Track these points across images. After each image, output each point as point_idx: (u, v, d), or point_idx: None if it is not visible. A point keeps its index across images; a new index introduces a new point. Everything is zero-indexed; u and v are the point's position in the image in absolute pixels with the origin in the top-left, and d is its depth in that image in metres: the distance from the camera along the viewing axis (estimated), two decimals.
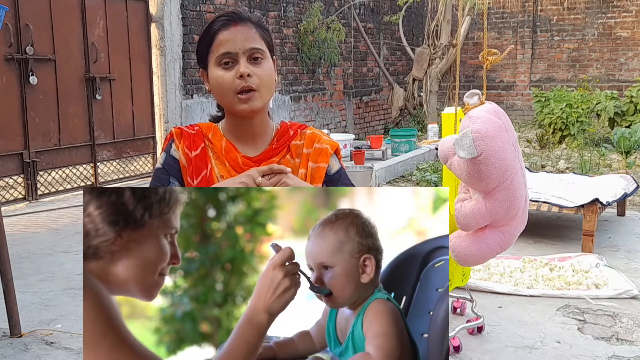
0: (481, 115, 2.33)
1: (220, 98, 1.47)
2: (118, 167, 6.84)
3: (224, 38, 1.44)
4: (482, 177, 2.28)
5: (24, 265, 4.17)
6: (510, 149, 2.34)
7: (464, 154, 2.23)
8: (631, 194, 5.05)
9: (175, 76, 7.19)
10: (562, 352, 2.90)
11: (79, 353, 2.91)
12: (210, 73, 1.46)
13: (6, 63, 5.55)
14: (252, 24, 1.46)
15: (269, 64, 1.47)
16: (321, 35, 9.38)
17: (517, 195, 2.37)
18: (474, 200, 2.41)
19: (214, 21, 1.47)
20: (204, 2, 7.50)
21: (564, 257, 4.16)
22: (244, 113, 1.45)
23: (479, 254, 2.49)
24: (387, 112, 11.87)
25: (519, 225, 2.52)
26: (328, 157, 1.53)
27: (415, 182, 7.01)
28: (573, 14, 12.26)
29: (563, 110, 8.97)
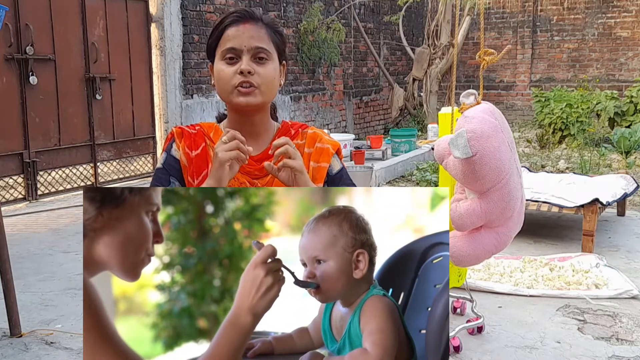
0: (477, 115, 2.33)
1: (220, 92, 1.48)
2: (118, 167, 6.84)
3: (231, 34, 1.44)
4: (477, 177, 2.28)
5: (24, 265, 4.17)
6: (506, 149, 2.34)
7: (458, 154, 2.23)
8: (631, 194, 5.05)
9: (175, 76, 7.19)
10: (562, 352, 2.90)
11: (79, 353, 2.91)
12: (215, 66, 1.48)
13: (6, 63, 5.55)
14: (264, 24, 1.47)
15: (274, 66, 1.47)
16: (321, 35, 9.39)
17: (512, 196, 2.36)
18: (469, 201, 2.41)
19: (226, 17, 1.48)
20: (204, 2, 7.50)
21: (564, 257, 4.16)
22: (241, 106, 1.45)
23: (474, 254, 2.49)
24: (387, 112, 11.87)
25: (515, 226, 2.51)
26: (329, 157, 1.54)
27: (415, 182, 7.01)
28: (573, 14, 12.27)
29: (563, 110, 8.97)
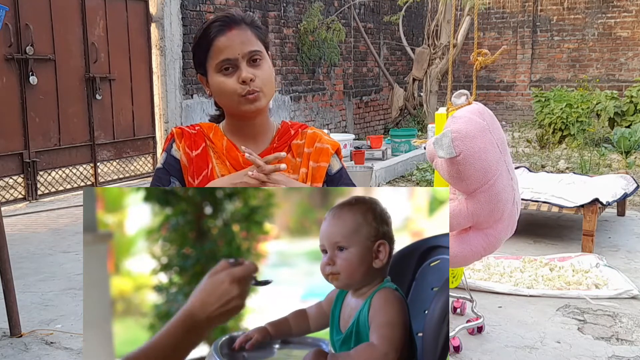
0: (464, 115, 2.33)
1: (223, 103, 1.47)
2: (118, 167, 6.84)
3: (221, 45, 1.43)
4: (462, 178, 2.28)
5: (24, 265, 4.17)
6: (494, 150, 2.32)
7: (442, 154, 2.23)
8: (631, 194, 5.05)
9: (175, 76, 7.19)
10: (562, 352, 2.90)
11: (79, 353, 2.91)
12: (211, 80, 1.46)
13: (6, 63, 5.55)
14: (247, 25, 1.46)
15: (268, 64, 1.48)
16: (321, 35, 9.39)
17: (500, 197, 2.35)
18: (457, 201, 2.41)
19: (209, 26, 1.45)
20: (204, 2, 7.50)
21: (564, 257, 4.16)
22: (249, 113, 1.45)
23: (462, 255, 2.48)
24: (387, 112, 11.87)
25: (505, 228, 2.50)
26: (329, 157, 1.54)
27: (415, 182, 7.01)
28: (573, 14, 12.27)
29: (563, 110, 8.97)
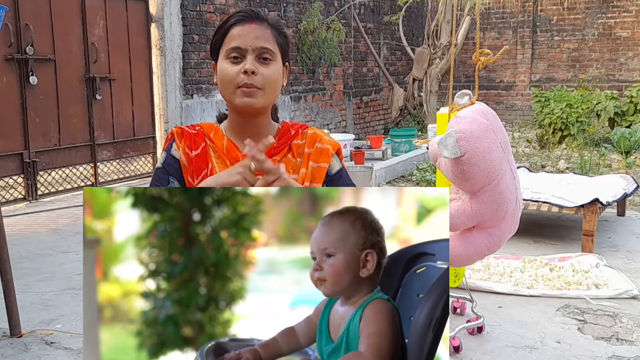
0: (467, 115, 2.33)
1: (222, 91, 1.48)
2: (118, 167, 6.84)
3: (236, 33, 1.44)
4: (467, 178, 2.28)
5: (24, 265, 4.17)
6: (497, 150, 2.33)
7: (447, 154, 2.23)
8: (631, 194, 5.05)
9: (175, 76, 7.19)
10: (562, 352, 2.90)
11: (79, 353, 2.91)
12: (219, 65, 1.47)
13: (6, 63, 5.55)
14: (269, 25, 1.47)
15: (277, 67, 1.47)
16: (321, 35, 9.39)
17: (504, 197, 2.35)
18: (461, 201, 2.41)
19: (231, 16, 1.48)
20: (204, 2, 7.50)
21: (564, 257, 4.16)
22: (243, 107, 1.44)
23: (466, 254, 2.48)
24: (387, 112, 11.87)
25: (508, 227, 2.50)
26: (329, 157, 1.54)
27: (415, 182, 7.01)
28: (573, 14, 12.27)
29: (563, 110, 8.97)
